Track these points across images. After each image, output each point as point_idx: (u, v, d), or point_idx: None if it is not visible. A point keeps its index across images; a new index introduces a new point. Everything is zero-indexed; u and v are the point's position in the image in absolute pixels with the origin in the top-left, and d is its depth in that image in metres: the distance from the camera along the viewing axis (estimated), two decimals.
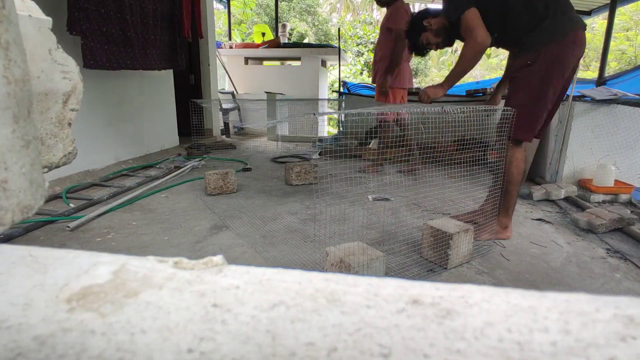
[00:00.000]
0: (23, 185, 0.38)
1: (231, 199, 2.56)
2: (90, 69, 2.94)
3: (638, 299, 0.24)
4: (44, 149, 0.58)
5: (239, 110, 5.90)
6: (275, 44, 6.68)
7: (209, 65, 5.13)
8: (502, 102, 4.38)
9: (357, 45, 17.01)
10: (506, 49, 1.96)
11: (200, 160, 3.75)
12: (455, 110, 1.86)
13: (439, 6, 2.56)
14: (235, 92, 6.20)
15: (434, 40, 1.94)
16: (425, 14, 1.96)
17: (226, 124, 5.69)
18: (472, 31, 1.66)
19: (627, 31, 13.62)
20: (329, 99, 6.59)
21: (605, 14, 4.88)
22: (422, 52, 2.03)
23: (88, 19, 2.84)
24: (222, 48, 6.61)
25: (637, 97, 2.84)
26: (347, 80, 7.71)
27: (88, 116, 3.05)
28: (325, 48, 6.93)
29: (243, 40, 11.77)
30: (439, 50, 2.53)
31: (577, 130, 2.93)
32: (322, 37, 18.62)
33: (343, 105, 4.86)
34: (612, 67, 12.23)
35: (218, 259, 0.32)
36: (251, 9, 13.84)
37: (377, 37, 3.34)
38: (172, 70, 4.25)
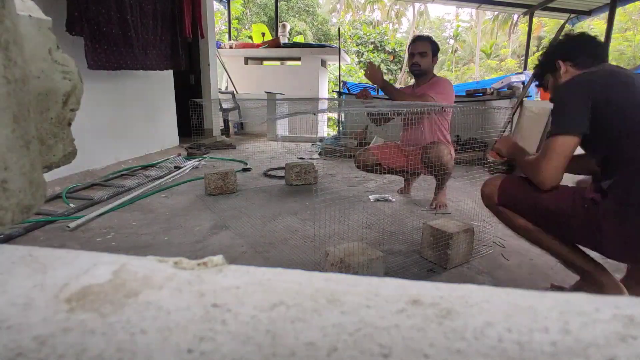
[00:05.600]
0: (23, 185, 0.38)
1: (231, 199, 2.56)
2: (93, 70, 2.95)
3: (638, 299, 0.24)
4: (44, 149, 0.58)
5: (239, 110, 5.90)
6: (275, 44, 6.68)
7: (209, 65, 5.13)
8: (502, 102, 4.36)
9: (357, 45, 17.00)
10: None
11: (200, 160, 3.75)
12: (454, 110, 1.86)
13: (438, 6, 2.54)
14: (235, 92, 6.21)
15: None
16: (562, 53, 1.38)
17: (226, 124, 5.70)
18: (544, 159, 1.21)
19: (625, 31, 13.64)
20: (329, 99, 6.60)
21: (604, 14, 4.89)
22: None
23: (88, 19, 2.84)
24: (222, 48, 6.61)
25: None
26: (346, 80, 7.70)
27: (88, 116, 3.05)
28: (325, 48, 6.93)
29: (236, 37, 11.76)
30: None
31: None
32: (322, 37, 18.62)
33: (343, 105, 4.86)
34: None
35: (218, 259, 0.32)
36: (244, 6, 13.74)
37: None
38: (172, 70, 4.26)
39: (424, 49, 2.41)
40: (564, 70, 1.35)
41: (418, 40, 2.48)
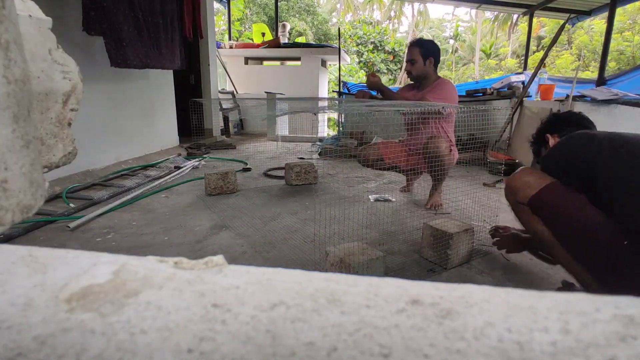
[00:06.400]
0: (23, 185, 0.38)
1: (231, 199, 2.56)
2: (94, 70, 2.96)
3: (638, 299, 0.24)
4: (44, 149, 0.58)
5: (239, 110, 5.91)
6: (275, 44, 6.68)
7: (209, 65, 5.13)
8: (502, 102, 4.35)
9: (357, 45, 17.00)
10: None
11: (200, 160, 3.75)
12: (455, 110, 1.86)
13: (438, 6, 2.54)
14: (235, 92, 6.20)
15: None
16: (550, 128, 1.55)
17: (226, 124, 5.70)
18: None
19: (622, 33, 13.65)
20: (329, 99, 6.59)
21: (605, 14, 4.89)
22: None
23: (106, 18, 2.86)
24: (222, 48, 6.61)
25: (637, 97, 2.84)
26: (346, 80, 7.71)
27: (88, 116, 3.05)
28: (325, 48, 6.93)
29: (237, 38, 11.76)
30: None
31: None
32: (322, 37, 18.63)
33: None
34: (610, 68, 12.25)
35: (218, 259, 0.32)
36: (245, 7, 13.63)
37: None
38: (172, 70, 4.26)
39: (412, 57, 2.51)
40: (552, 142, 1.51)
41: (409, 47, 2.57)
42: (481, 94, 4.51)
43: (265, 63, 7.42)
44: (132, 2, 3.15)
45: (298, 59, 6.90)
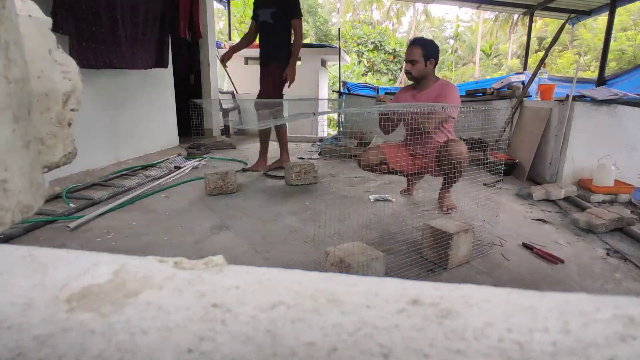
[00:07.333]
0: (23, 185, 0.38)
1: (231, 199, 2.56)
2: (89, 70, 2.94)
3: (638, 299, 0.24)
4: (44, 149, 0.58)
5: (239, 110, 5.90)
6: None
7: (209, 65, 5.13)
8: (502, 102, 4.35)
9: (357, 45, 17.01)
10: None
11: (200, 160, 3.75)
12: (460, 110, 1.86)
13: (439, 6, 2.53)
14: (235, 92, 6.20)
15: None
16: None
17: (226, 124, 5.70)
18: None
19: (625, 31, 13.63)
20: (329, 99, 6.60)
21: (606, 13, 4.88)
22: None
23: (74, 17, 2.83)
24: (222, 48, 6.61)
25: (637, 97, 2.84)
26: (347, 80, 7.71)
27: (88, 116, 3.05)
28: (325, 48, 6.93)
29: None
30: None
31: (577, 130, 2.93)
32: (323, 38, 18.64)
33: (343, 105, 4.87)
34: (611, 67, 12.23)
35: (218, 259, 0.32)
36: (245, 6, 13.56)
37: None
38: (172, 70, 4.25)
39: (412, 57, 2.41)
40: None
41: (409, 46, 2.46)
42: (481, 94, 4.51)
43: None
44: (109, 2, 3.11)
45: (298, 59, 6.90)
